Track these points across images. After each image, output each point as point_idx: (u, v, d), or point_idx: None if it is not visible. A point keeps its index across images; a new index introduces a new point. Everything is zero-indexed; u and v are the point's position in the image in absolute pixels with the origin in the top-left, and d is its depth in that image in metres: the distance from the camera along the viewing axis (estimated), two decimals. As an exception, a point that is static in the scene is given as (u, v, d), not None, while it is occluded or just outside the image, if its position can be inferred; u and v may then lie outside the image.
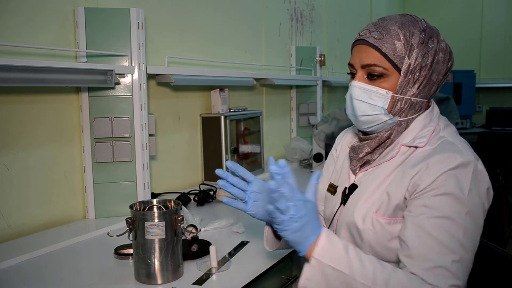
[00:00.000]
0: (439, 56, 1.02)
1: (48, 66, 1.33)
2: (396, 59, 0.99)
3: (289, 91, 3.15)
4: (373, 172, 1.05)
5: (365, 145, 1.07)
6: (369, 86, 1.02)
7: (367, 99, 1.03)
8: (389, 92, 1.01)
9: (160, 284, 1.12)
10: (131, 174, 1.67)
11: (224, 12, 2.42)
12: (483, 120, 5.06)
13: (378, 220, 0.98)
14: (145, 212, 1.16)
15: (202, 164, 2.26)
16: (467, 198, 0.90)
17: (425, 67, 1.01)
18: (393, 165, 1.02)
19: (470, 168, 0.92)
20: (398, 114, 1.03)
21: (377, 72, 1.01)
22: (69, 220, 1.62)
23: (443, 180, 0.91)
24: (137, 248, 1.12)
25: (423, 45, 1.00)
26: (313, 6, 3.42)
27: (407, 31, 1.00)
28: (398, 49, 0.99)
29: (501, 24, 5.21)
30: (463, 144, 0.99)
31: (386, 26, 1.01)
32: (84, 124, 1.62)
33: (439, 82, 1.05)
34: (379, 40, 1.00)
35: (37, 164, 1.51)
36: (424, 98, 1.04)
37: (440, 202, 0.90)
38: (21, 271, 1.22)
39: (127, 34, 1.61)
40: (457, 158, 0.92)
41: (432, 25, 1.05)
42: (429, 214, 0.90)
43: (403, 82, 1.01)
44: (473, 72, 4.81)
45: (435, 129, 1.03)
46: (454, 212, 0.89)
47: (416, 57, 0.99)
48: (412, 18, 1.04)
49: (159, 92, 2.01)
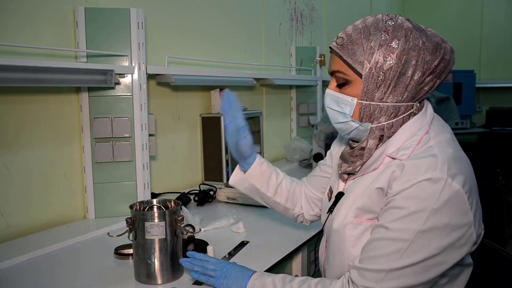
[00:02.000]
0: (409, 56, 0.95)
1: (48, 66, 1.33)
2: (355, 65, 0.98)
3: (289, 91, 3.15)
4: (359, 181, 1.05)
5: (349, 155, 1.07)
6: (337, 94, 1.03)
7: (336, 107, 1.03)
8: (354, 98, 1.00)
9: (160, 284, 1.12)
10: (131, 174, 1.67)
11: (224, 12, 2.42)
12: (483, 120, 5.06)
13: (359, 224, 0.99)
14: (145, 212, 1.16)
15: (202, 164, 2.26)
16: (423, 215, 0.87)
17: (389, 70, 0.96)
18: (376, 175, 0.99)
19: (438, 185, 0.87)
20: (369, 121, 1.00)
21: (341, 79, 1.01)
22: (69, 220, 1.62)
23: (403, 193, 0.90)
24: (137, 248, 1.12)
25: (384, 47, 0.95)
26: (313, 6, 3.42)
27: (367, 34, 0.97)
28: (357, 54, 0.97)
29: (501, 24, 5.21)
30: (448, 158, 0.91)
31: (349, 32, 1.00)
32: (84, 124, 1.62)
33: (417, 83, 0.97)
34: (341, 47, 1.00)
35: (37, 164, 1.52)
36: (399, 101, 0.98)
37: (391, 214, 0.91)
38: (21, 271, 1.22)
39: (127, 34, 1.61)
40: (427, 173, 0.88)
41: (403, 22, 0.98)
42: (380, 223, 0.93)
43: (366, 88, 0.98)
44: (473, 72, 4.81)
45: (421, 138, 0.97)
46: (402, 226, 0.89)
47: (376, 60, 0.96)
48: (379, 18, 0.99)
49: (159, 92, 2.01)
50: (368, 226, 0.98)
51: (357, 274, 0.92)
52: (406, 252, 0.88)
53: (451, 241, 0.88)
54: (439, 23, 5.41)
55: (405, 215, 0.88)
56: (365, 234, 0.98)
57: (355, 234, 0.99)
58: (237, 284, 1.04)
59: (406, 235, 0.88)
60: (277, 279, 1.02)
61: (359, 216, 0.99)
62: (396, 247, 0.89)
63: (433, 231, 0.87)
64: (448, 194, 0.87)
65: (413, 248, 0.87)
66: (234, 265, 1.09)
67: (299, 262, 1.49)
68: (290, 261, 1.47)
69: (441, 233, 0.87)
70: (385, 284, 0.89)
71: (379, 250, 0.91)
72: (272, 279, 1.03)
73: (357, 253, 0.98)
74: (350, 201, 1.02)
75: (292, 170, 2.67)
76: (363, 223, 0.99)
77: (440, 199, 0.86)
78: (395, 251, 0.89)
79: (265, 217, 1.68)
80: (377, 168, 1.00)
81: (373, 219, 0.98)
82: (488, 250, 1.24)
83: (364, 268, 0.92)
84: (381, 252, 0.90)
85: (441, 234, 0.87)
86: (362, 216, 0.99)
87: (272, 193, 1.31)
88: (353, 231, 1.00)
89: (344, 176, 1.10)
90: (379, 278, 0.89)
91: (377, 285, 0.89)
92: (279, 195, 1.31)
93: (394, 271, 0.88)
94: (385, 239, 0.91)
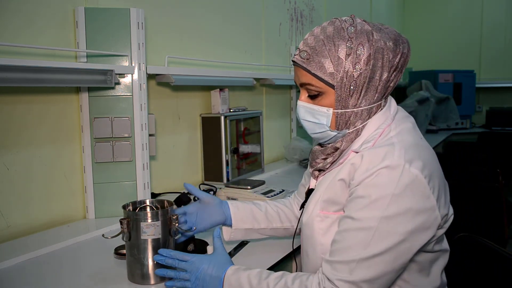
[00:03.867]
0: (376, 59, 0.98)
1: (48, 66, 1.33)
2: (326, 77, 0.99)
3: (289, 91, 3.15)
4: (326, 176, 1.08)
5: (320, 152, 1.10)
6: (311, 105, 1.04)
7: (312, 118, 1.04)
8: (330, 109, 1.01)
9: (153, 284, 1.12)
10: (131, 174, 1.67)
11: (224, 12, 2.42)
12: (483, 120, 5.06)
13: (326, 217, 1.02)
14: (139, 212, 1.17)
15: (202, 164, 2.26)
16: (385, 201, 0.89)
17: (359, 76, 0.98)
18: (340, 168, 1.03)
19: (397, 172, 0.90)
20: (346, 127, 1.03)
21: (313, 91, 1.02)
22: (69, 220, 1.62)
23: (364, 182, 0.92)
24: (132, 249, 1.12)
25: (351, 56, 0.97)
26: (313, 6, 3.42)
27: (332, 45, 0.98)
28: (326, 66, 0.98)
29: (501, 24, 5.21)
30: (405, 146, 0.95)
31: (312, 43, 1.00)
32: (84, 124, 1.62)
33: (385, 83, 1.01)
34: (307, 61, 1.00)
35: (37, 164, 1.52)
36: (370, 104, 1.02)
37: (354, 204, 0.93)
38: (21, 271, 1.22)
39: (127, 34, 1.61)
40: (385, 160, 0.91)
41: (363, 25, 1.00)
42: (346, 214, 0.95)
43: (340, 97, 1.00)
44: (473, 72, 4.81)
45: (384, 131, 1.00)
46: (366, 215, 0.91)
47: (346, 69, 0.97)
48: (339, 25, 1.00)
49: (159, 92, 2.01)
50: (335, 218, 1.01)
51: (330, 268, 0.93)
52: (373, 240, 0.89)
53: (415, 225, 0.90)
54: (439, 23, 5.41)
55: (367, 204, 0.91)
56: (333, 227, 1.01)
57: (323, 226, 1.02)
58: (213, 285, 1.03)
59: (370, 222, 0.90)
60: (253, 275, 1.01)
61: (326, 208, 1.02)
62: (363, 236, 0.90)
63: (396, 217, 0.89)
64: (407, 179, 0.90)
65: (379, 235, 0.89)
66: (209, 264, 1.05)
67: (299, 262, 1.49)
68: (291, 261, 1.47)
69: (404, 218, 0.89)
70: (356, 274, 0.90)
71: (347, 241, 0.93)
72: (247, 275, 1.01)
73: (327, 243, 1.00)
74: (318, 195, 1.06)
75: (292, 170, 2.67)
76: (330, 216, 1.02)
77: (399, 185, 0.89)
78: (362, 240, 0.90)
79: (265, 217, 1.68)
80: (342, 162, 1.04)
81: (339, 211, 1.01)
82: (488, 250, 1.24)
83: (334, 260, 0.93)
84: (349, 243, 0.92)
85: (405, 219, 0.90)
86: (328, 208, 1.02)
87: (265, 223, 1.31)
88: (321, 224, 1.02)
89: (315, 173, 1.13)
90: (351, 269, 0.90)
91: (350, 276, 0.90)
92: (272, 221, 1.31)
93: (364, 260, 0.90)
94: (351, 229, 0.93)
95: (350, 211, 0.94)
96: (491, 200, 2.28)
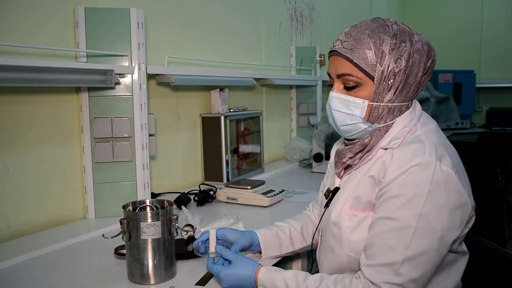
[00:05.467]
0: (414, 58, 1.01)
1: (48, 66, 1.33)
2: (368, 68, 1.00)
3: (289, 91, 3.15)
4: (354, 174, 1.08)
5: (347, 151, 1.10)
6: (345, 96, 1.04)
7: (345, 109, 1.04)
8: (365, 101, 1.02)
9: (153, 284, 1.12)
10: (131, 174, 1.67)
11: (224, 12, 2.42)
12: (483, 120, 5.06)
13: (354, 216, 1.01)
14: (139, 212, 1.17)
15: (202, 164, 2.26)
16: (421, 199, 0.90)
17: (399, 72, 1.00)
18: (369, 166, 1.03)
19: (430, 169, 0.91)
20: (377, 121, 1.04)
21: (351, 82, 1.03)
22: (69, 220, 1.62)
23: (397, 181, 0.93)
24: (132, 249, 1.12)
25: (394, 51, 1.00)
26: (313, 6, 3.42)
27: (377, 39, 1.00)
28: (369, 58, 0.99)
29: (501, 24, 5.21)
30: (434, 143, 0.97)
31: (356, 35, 1.01)
32: (84, 124, 1.62)
33: (417, 84, 1.04)
34: (350, 51, 1.01)
35: (37, 164, 1.52)
36: (403, 101, 1.04)
37: (390, 204, 0.93)
38: (21, 271, 1.22)
39: (127, 34, 1.61)
40: (416, 158, 0.93)
41: (405, 27, 1.04)
42: (381, 215, 0.95)
43: (378, 90, 1.01)
44: (473, 72, 4.81)
45: (411, 129, 1.03)
46: (404, 214, 0.91)
47: (388, 63, 0.99)
48: (383, 22, 1.03)
49: (159, 92, 2.01)
50: (363, 218, 1.01)
51: (373, 272, 0.92)
52: (413, 239, 0.90)
53: (451, 221, 0.92)
54: (439, 23, 5.41)
55: (404, 203, 0.91)
56: (360, 226, 1.01)
57: (350, 225, 1.02)
58: (246, 279, 1.05)
59: (410, 221, 0.90)
60: (289, 277, 1.00)
61: (354, 206, 1.02)
62: (403, 236, 0.90)
63: (433, 214, 0.90)
64: (440, 176, 0.91)
65: (418, 234, 0.90)
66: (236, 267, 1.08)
67: (299, 262, 1.49)
68: (291, 261, 1.47)
69: (441, 215, 0.91)
70: (402, 275, 0.90)
71: (387, 242, 0.92)
72: (282, 277, 1.01)
73: (355, 241, 1.00)
74: (347, 193, 1.05)
75: (292, 170, 2.67)
76: (357, 215, 1.01)
77: (433, 182, 0.91)
78: (403, 240, 0.90)
79: (265, 217, 1.68)
80: (371, 159, 1.04)
81: (365, 210, 1.01)
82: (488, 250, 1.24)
83: (376, 264, 0.92)
84: (389, 244, 0.92)
85: (441, 216, 0.91)
86: (357, 207, 1.02)
87: (291, 246, 1.30)
88: (349, 222, 1.02)
89: (340, 172, 1.13)
90: (395, 270, 0.90)
91: (396, 278, 0.90)
92: (298, 242, 1.31)
93: (408, 260, 0.90)
94: (390, 230, 0.92)
95: (386, 212, 0.94)
96: (491, 200, 2.27)
